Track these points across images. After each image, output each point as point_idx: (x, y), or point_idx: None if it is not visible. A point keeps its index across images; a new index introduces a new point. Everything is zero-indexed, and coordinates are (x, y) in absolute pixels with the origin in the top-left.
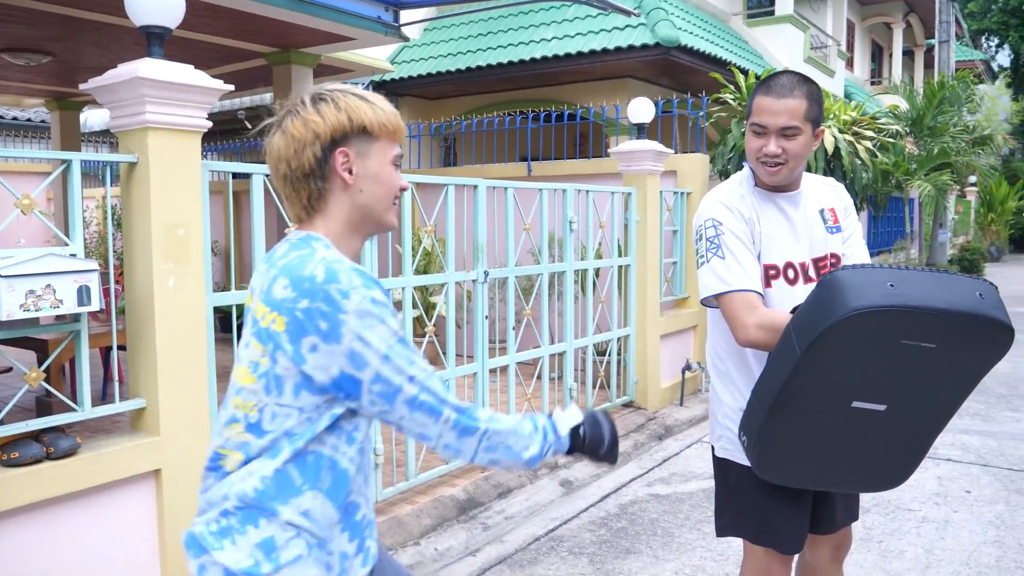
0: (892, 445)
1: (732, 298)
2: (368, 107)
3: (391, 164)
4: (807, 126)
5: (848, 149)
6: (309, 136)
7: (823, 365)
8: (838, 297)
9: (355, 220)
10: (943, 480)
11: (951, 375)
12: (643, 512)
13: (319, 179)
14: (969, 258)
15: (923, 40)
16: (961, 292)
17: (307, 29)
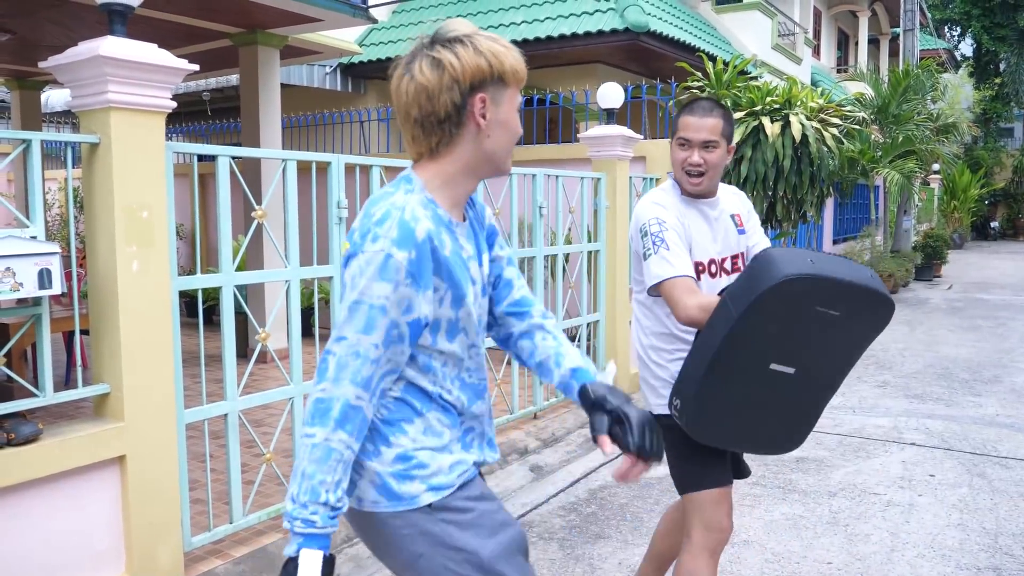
0: (792, 409)
1: (675, 283)
2: (506, 53)
3: (516, 111)
4: (723, 141)
5: (815, 136)
6: (447, 81)
7: (754, 328)
8: (771, 267)
9: (476, 163)
10: (908, 464)
11: (845, 343)
12: (612, 497)
13: (453, 124)
14: (932, 245)
15: (888, 29)
16: (859, 270)
17: (273, 9)
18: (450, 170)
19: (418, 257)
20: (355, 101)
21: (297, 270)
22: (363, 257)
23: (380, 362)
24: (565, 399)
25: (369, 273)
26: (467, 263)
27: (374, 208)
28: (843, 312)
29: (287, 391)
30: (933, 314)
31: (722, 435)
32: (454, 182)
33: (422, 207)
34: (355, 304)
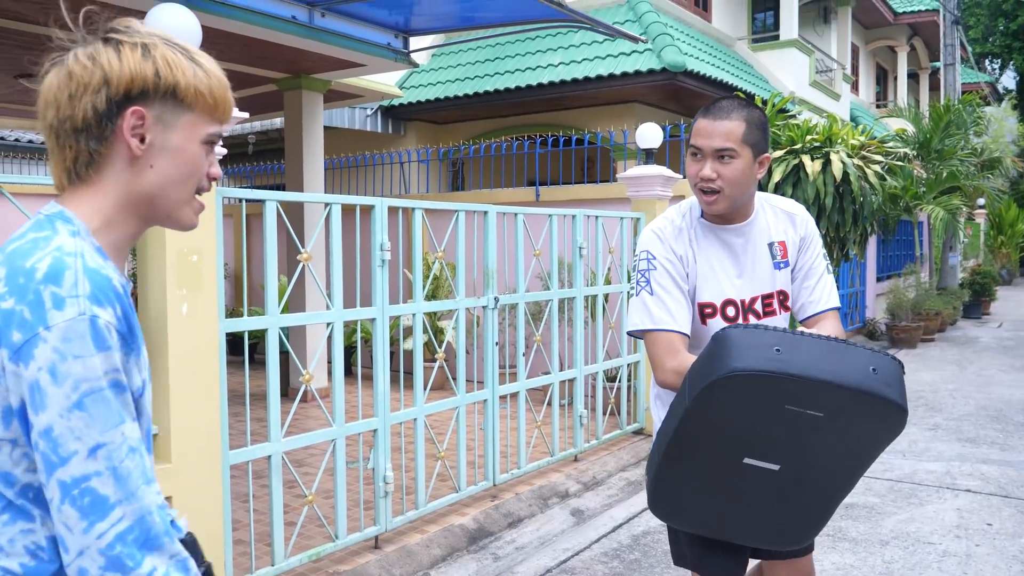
0: (791, 506)
1: (656, 338)
2: (191, 67)
3: (201, 143)
4: (745, 150)
5: (857, 174)
6: (95, 79)
7: (709, 418)
8: (723, 355)
9: (137, 203)
10: (963, 512)
11: (844, 446)
12: (656, 543)
13: (93, 139)
14: (980, 281)
15: (928, 63)
16: (851, 365)
17: (318, 55)
18: (104, 207)
19: (124, 313)
20: (395, 143)
21: (341, 312)
22: (52, 337)
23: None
24: (606, 441)
25: (76, 350)
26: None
27: (26, 263)
28: (828, 414)
29: (330, 432)
30: (983, 353)
31: (697, 523)
32: (115, 224)
33: (98, 254)
34: (81, 401)
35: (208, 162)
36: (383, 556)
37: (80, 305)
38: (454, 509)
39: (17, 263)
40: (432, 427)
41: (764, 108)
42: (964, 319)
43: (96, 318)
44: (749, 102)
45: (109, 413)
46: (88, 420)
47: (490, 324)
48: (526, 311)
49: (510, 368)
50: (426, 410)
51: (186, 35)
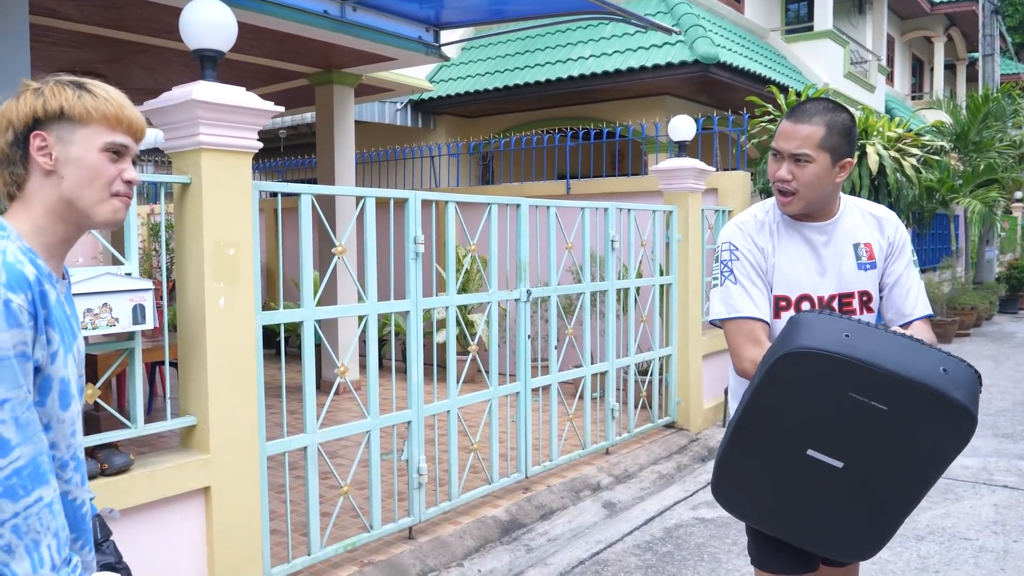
0: (851, 513)
1: (737, 326)
2: (73, 92)
3: (100, 151)
4: (822, 155)
5: (893, 166)
6: (3, 123)
7: (774, 399)
8: (794, 334)
9: (60, 209)
10: (1000, 508)
11: (910, 449)
12: (689, 536)
13: (16, 165)
14: (1017, 276)
15: (965, 54)
16: (921, 362)
17: (349, 50)
18: (32, 215)
19: (34, 299)
20: (425, 136)
21: (375, 304)
22: None
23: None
24: (637, 435)
25: None
26: (71, 321)
27: None
28: (892, 408)
29: (364, 424)
30: (1020, 349)
31: (755, 515)
32: (44, 229)
33: (21, 253)
34: None
35: (119, 168)
36: (417, 547)
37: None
38: (487, 501)
39: None
40: (465, 419)
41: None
42: (1000, 314)
43: (9, 301)
44: (837, 105)
45: (15, 376)
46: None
47: (522, 317)
48: (558, 304)
49: (542, 361)
50: (459, 402)
51: (221, 30)
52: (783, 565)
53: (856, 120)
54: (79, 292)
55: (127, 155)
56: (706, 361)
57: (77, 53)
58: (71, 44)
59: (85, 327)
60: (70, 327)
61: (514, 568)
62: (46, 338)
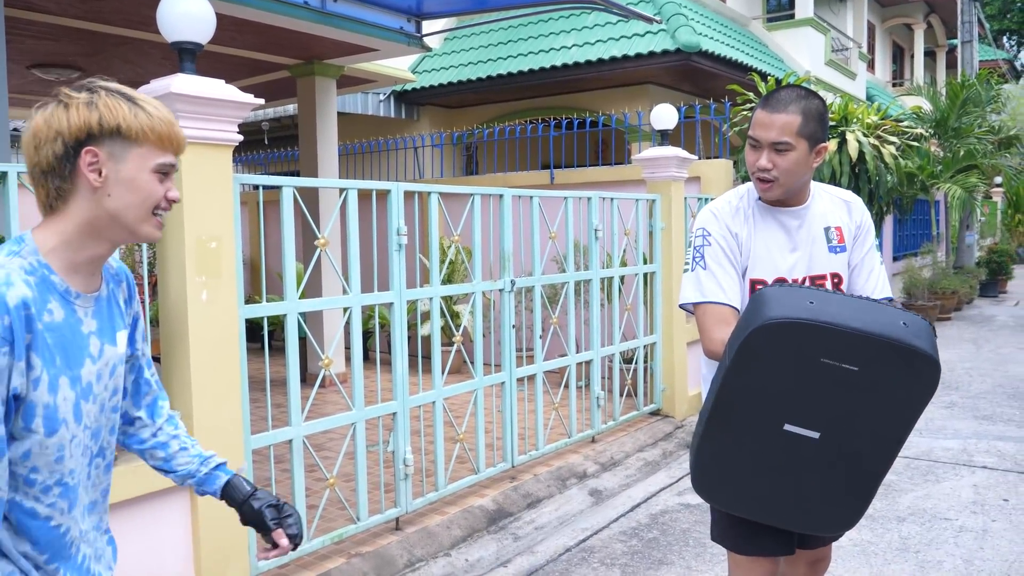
0: (831, 483)
1: (706, 310)
2: (129, 108)
3: (152, 172)
4: (800, 142)
5: (872, 153)
6: (51, 133)
7: (749, 376)
8: (759, 308)
9: (100, 225)
10: (979, 488)
11: (880, 407)
12: (674, 522)
13: (58, 178)
14: (997, 260)
15: (945, 41)
16: (882, 318)
17: (330, 41)
18: (66, 229)
19: (11, 325)
20: (409, 127)
21: (359, 296)
22: None
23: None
24: (623, 423)
25: None
26: (87, 338)
27: None
28: (862, 368)
29: (350, 416)
30: (1000, 332)
31: (739, 503)
32: (73, 244)
33: (23, 271)
34: None
35: (165, 187)
36: (404, 537)
37: None
38: (473, 491)
39: None
40: (450, 410)
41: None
42: (981, 298)
43: None
44: (808, 92)
45: None
46: None
47: (507, 307)
48: (542, 294)
49: (527, 351)
50: (444, 393)
51: (200, 22)
52: (762, 547)
53: (827, 105)
54: None
55: (172, 173)
56: (691, 348)
57: (55, 46)
58: (49, 37)
59: None
60: (78, 348)
61: (501, 557)
62: (26, 364)
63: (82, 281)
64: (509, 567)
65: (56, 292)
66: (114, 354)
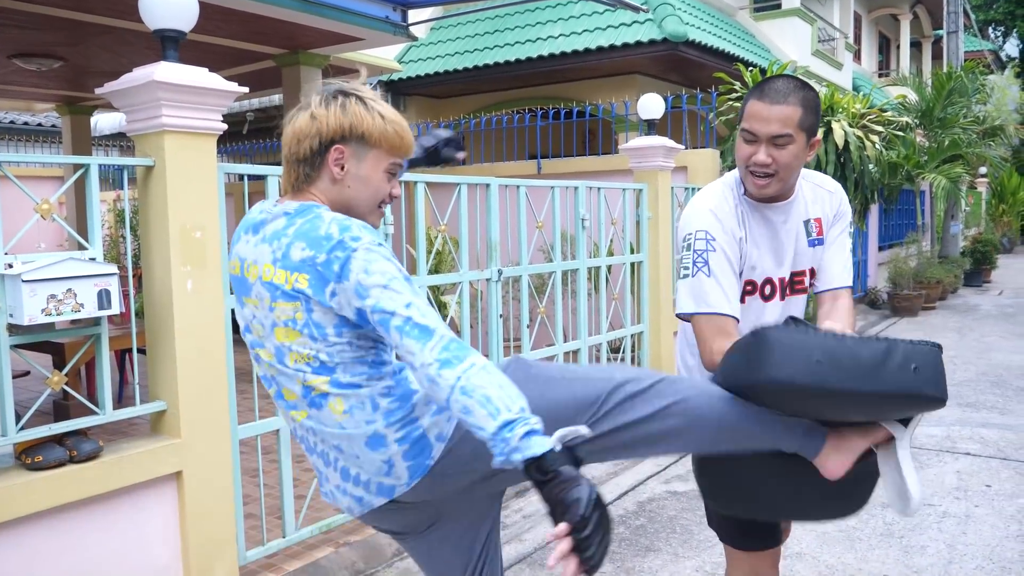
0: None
1: (708, 320)
2: (372, 119)
3: (384, 172)
4: (800, 135)
5: (857, 143)
6: (312, 130)
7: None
8: (762, 358)
9: (337, 204)
10: (963, 474)
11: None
12: (661, 510)
13: (309, 166)
14: (981, 250)
15: (931, 31)
16: (893, 370)
17: (315, 30)
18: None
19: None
20: None
21: None
22: (363, 252)
23: None
24: None
25: (375, 258)
26: None
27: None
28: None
29: None
30: (984, 320)
31: (748, 507)
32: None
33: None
34: (391, 280)
35: (391, 185)
36: None
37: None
38: None
39: (313, 235)
40: None
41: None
42: (965, 287)
43: (381, 244)
44: (804, 83)
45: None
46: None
47: (494, 297)
48: (530, 283)
49: (514, 340)
50: None
51: (182, 9)
52: (756, 542)
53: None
54: (42, 278)
55: (398, 173)
56: (677, 338)
57: (37, 35)
58: (31, 26)
59: (49, 313)
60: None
61: None
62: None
63: None
64: None
65: None
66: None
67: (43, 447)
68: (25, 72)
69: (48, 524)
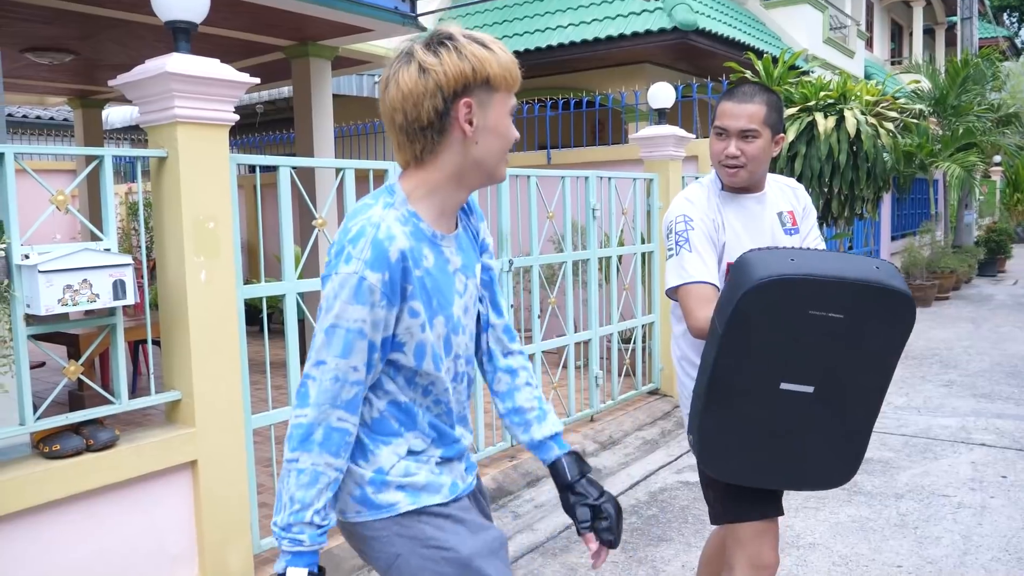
0: (829, 436)
1: (690, 290)
2: (491, 56)
3: (508, 115)
4: (766, 130)
5: (870, 131)
6: (430, 86)
7: (743, 341)
8: (745, 272)
9: (463, 171)
10: (978, 465)
11: (866, 352)
12: (673, 499)
13: (436, 132)
14: (996, 239)
15: (944, 18)
16: (857, 264)
17: (325, 21)
18: (436, 178)
19: (391, 279)
20: None
21: None
22: (337, 279)
23: (361, 383)
24: (621, 402)
25: (344, 296)
26: (453, 277)
27: (351, 223)
28: (847, 315)
29: None
30: (998, 311)
31: (747, 472)
32: (440, 191)
33: (399, 223)
34: (331, 328)
35: (512, 128)
36: None
37: (357, 266)
38: None
39: (347, 223)
40: None
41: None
42: (979, 277)
43: (363, 279)
44: (766, 86)
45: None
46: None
47: (505, 287)
48: (540, 274)
49: (525, 331)
50: None
51: (195, 3)
52: (760, 510)
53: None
54: (58, 269)
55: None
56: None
57: (47, 29)
58: (41, 20)
59: (65, 303)
60: (448, 288)
61: None
62: (408, 312)
63: (445, 223)
64: (509, 544)
65: (426, 239)
66: (474, 286)
67: (60, 436)
68: (37, 66)
69: (65, 512)
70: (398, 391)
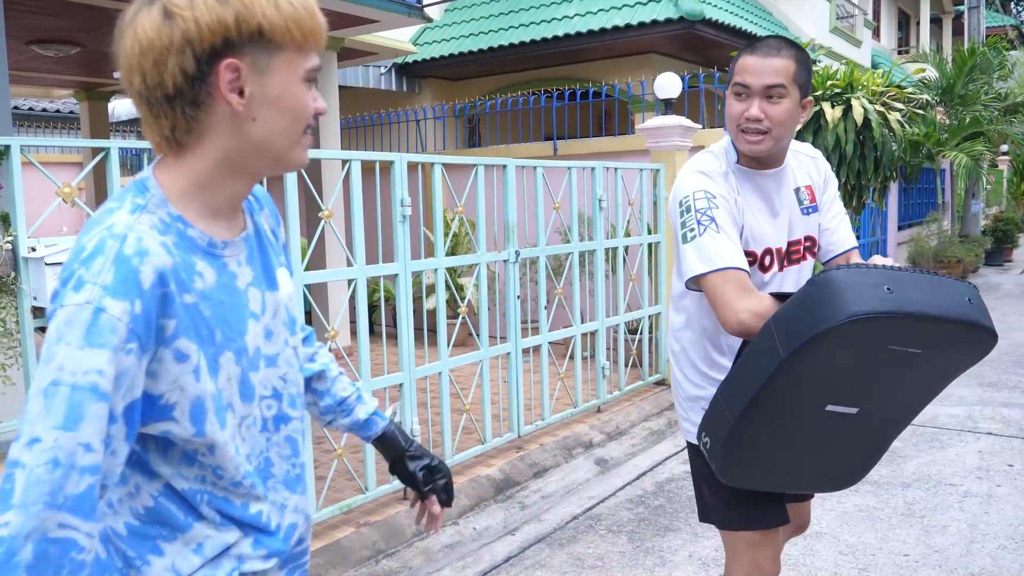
0: (857, 447)
1: (725, 276)
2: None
3: (302, 82)
4: (794, 90)
5: (878, 120)
6: (176, 39)
7: (807, 369)
8: (834, 300)
9: (242, 158)
10: (984, 454)
11: (926, 379)
12: (680, 490)
13: (189, 103)
14: (1003, 228)
15: (951, 7)
16: (952, 297)
17: (330, 12)
18: (202, 168)
19: (144, 311)
20: (410, 100)
21: (364, 268)
22: (61, 315)
23: (97, 470)
24: (628, 392)
25: (71, 338)
26: (245, 294)
27: (85, 238)
28: (925, 348)
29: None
30: (1006, 300)
31: (762, 481)
32: (212, 185)
33: (156, 232)
34: (51, 387)
35: (311, 97)
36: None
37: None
38: (480, 461)
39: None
40: (456, 382)
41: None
42: (986, 266)
43: (100, 311)
44: (796, 43)
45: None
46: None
47: (511, 278)
48: (547, 265)
49: (532, 322)
50: (450, 364)
51: None
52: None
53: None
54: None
55: (315, 78)
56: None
57: (54, 22)
58: (48, 12)
59: None
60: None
61: (508, 525)
62: (174, 354)
63: (225, 226)
64: (517, 535)
65: (199, 250)
66: (276, 299)
67: None
68: (43, 58)
69: None
70: (176, 474)
